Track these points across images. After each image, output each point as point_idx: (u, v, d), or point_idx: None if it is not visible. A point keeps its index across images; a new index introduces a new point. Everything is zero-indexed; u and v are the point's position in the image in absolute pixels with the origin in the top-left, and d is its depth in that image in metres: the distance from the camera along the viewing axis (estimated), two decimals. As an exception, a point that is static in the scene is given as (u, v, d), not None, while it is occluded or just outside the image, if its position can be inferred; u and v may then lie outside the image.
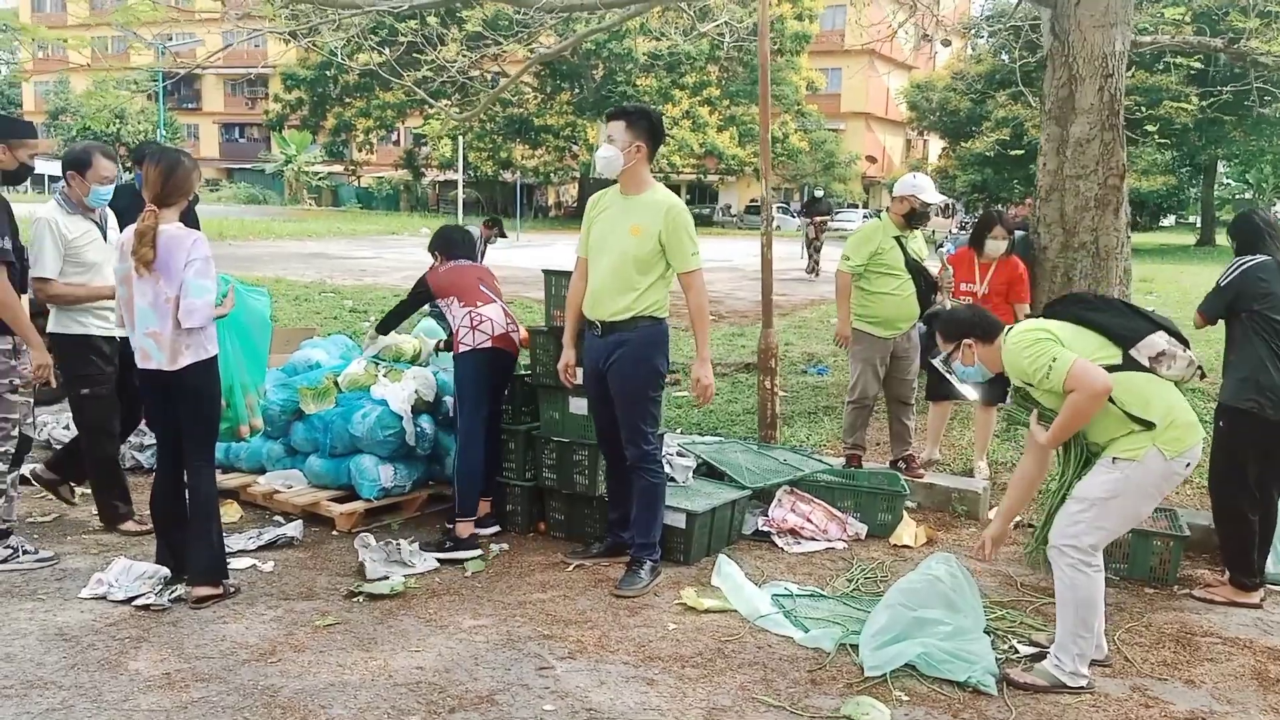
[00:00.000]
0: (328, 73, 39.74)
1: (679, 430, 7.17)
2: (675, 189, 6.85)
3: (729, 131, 42.59)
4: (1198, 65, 16.65)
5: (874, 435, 6.77)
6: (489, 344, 4.89)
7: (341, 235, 32.24)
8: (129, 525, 4.98)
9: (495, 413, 5.10)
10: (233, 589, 4.23)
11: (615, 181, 4.53)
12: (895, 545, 5.22)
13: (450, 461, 5.39)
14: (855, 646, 3.87)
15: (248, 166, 63.46)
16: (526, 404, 5.22)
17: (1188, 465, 3.62)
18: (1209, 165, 38.46)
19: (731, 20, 13.28)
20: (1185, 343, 3.72)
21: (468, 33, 14.46)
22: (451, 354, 5.09)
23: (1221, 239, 40.86)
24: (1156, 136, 21.00)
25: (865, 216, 41.98)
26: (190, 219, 4.72)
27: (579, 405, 4.95)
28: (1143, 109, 18.83)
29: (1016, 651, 3.93)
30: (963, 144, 37.63)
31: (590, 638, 3.97)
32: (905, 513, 5.45)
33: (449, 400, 5.43)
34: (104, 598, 4.14)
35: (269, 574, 4.52)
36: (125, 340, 4.54)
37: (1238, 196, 58.63)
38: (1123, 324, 3.71)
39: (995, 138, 33.63)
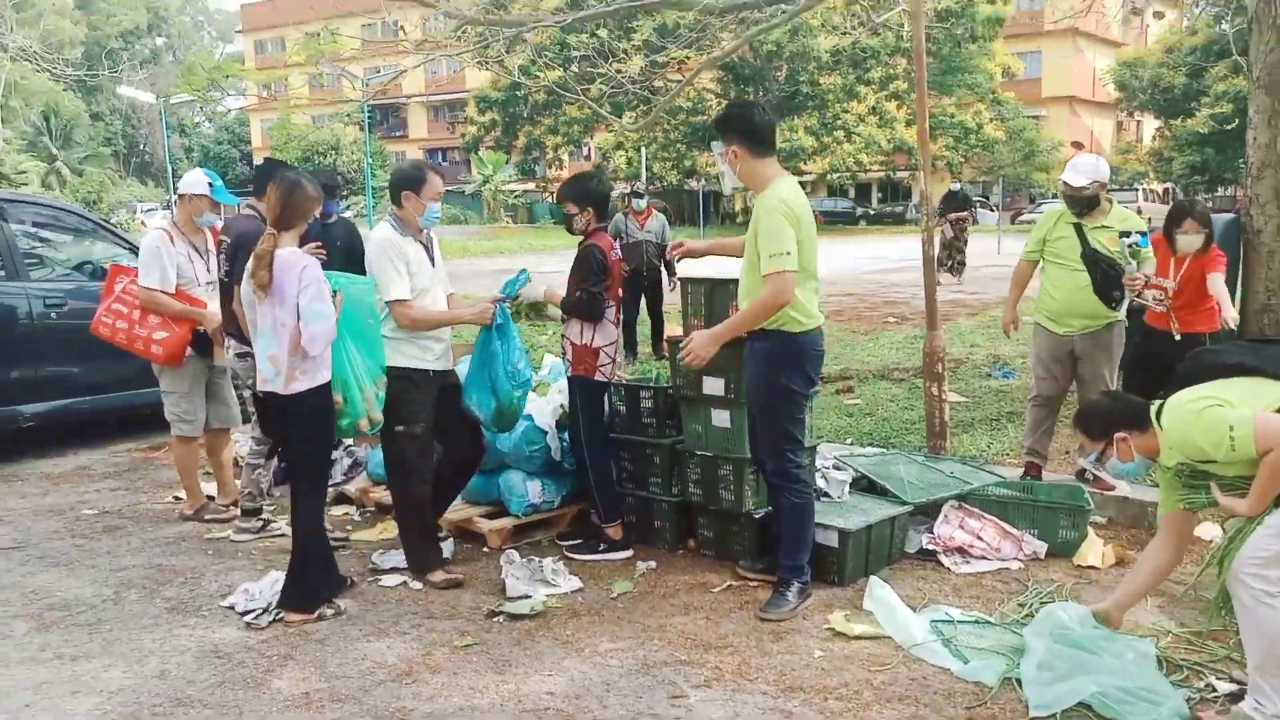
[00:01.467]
0: (518, 93, 41.03)
1: (849, 440, 6.86)
2: (865, 188, 6.58)
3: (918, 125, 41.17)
4: None
5: (1064, 444, 6.25)
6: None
7: (532, 250, 33.12)
8: (437, 575, 4.65)
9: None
10: (330, 613, 4.25)
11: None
12: (1079, 565, 4.75)
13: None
14: (1021, 681, 3.51)
15: (450, 188, 66.34)
16: (670, 417, 5.07)
17: None
18: None
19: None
20: None
21: (639, 42, 14.54)
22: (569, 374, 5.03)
23: None
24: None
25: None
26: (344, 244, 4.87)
27: (722, 418, 4.76)
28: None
29: (1213, 690, 3.46)
30: (1178, 123, 34.90)
31: (730, 664, 3.77)
32: (1091, 529, 4.96)
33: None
34: (232, 608, 4.33)
35: (417, 591, 4.56)
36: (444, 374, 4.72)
37: None
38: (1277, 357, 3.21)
39: (1213, 112, 30.99)
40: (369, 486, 5.86)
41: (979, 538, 4.90)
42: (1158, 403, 3.37)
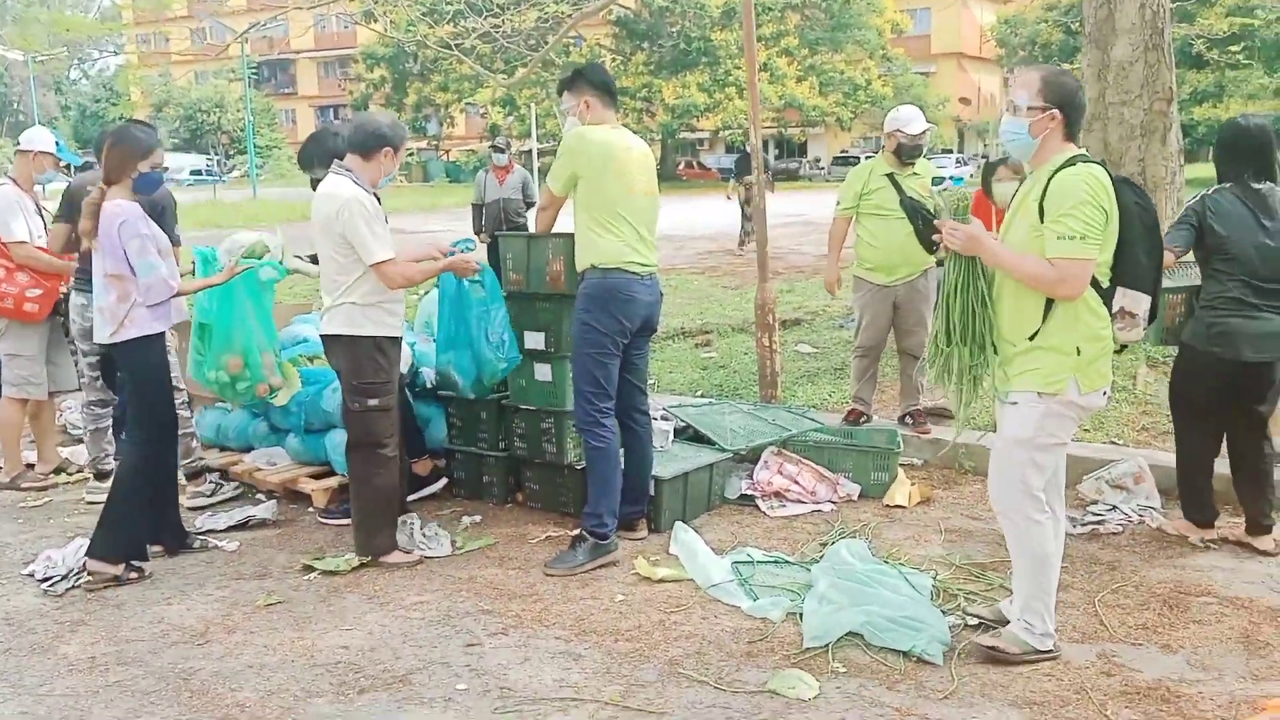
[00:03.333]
0: (406, 49, 40.15)
1: (699, 393, 6.96)
2: (763, 144, 6.64)
3: (809, 81, 41.54)
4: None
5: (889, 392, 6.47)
6: None
7: (422, 209, 32.58)
8: (395, 557, 4.39)
9: None
10: (135, 575, 4.18)
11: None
12: (888, 506, 4.95)
13: (430, 434, 5.32)
14: (803, 615, 3.66)
15: (341, 147, 64.71)
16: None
17: (1104, 395, 3.28)
18: (1329, 83, 35.80)
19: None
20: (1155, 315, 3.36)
21: (517, -2, 14.36)
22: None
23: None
24: (1241, 58, 19.54)
25: (958, 162, 40.57)
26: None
27: (544, 372, 4.81)
28: (1239, 28, 17.53)
29: (965, 620, 3.65)
30: (1056, 78, 35.89)
31: (530, 612, 3.84)
32: (902, 471, 5.17)
33: (426, 372, 5.35)
34: (32, 575, 4.25)
35: (231, 554, 4.52)
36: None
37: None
38: (1139, 264, 3.25)
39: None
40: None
41: (796, 482, 5.06)
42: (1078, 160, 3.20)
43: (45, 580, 4.16)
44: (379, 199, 4.35)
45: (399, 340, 4.42)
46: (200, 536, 4.63)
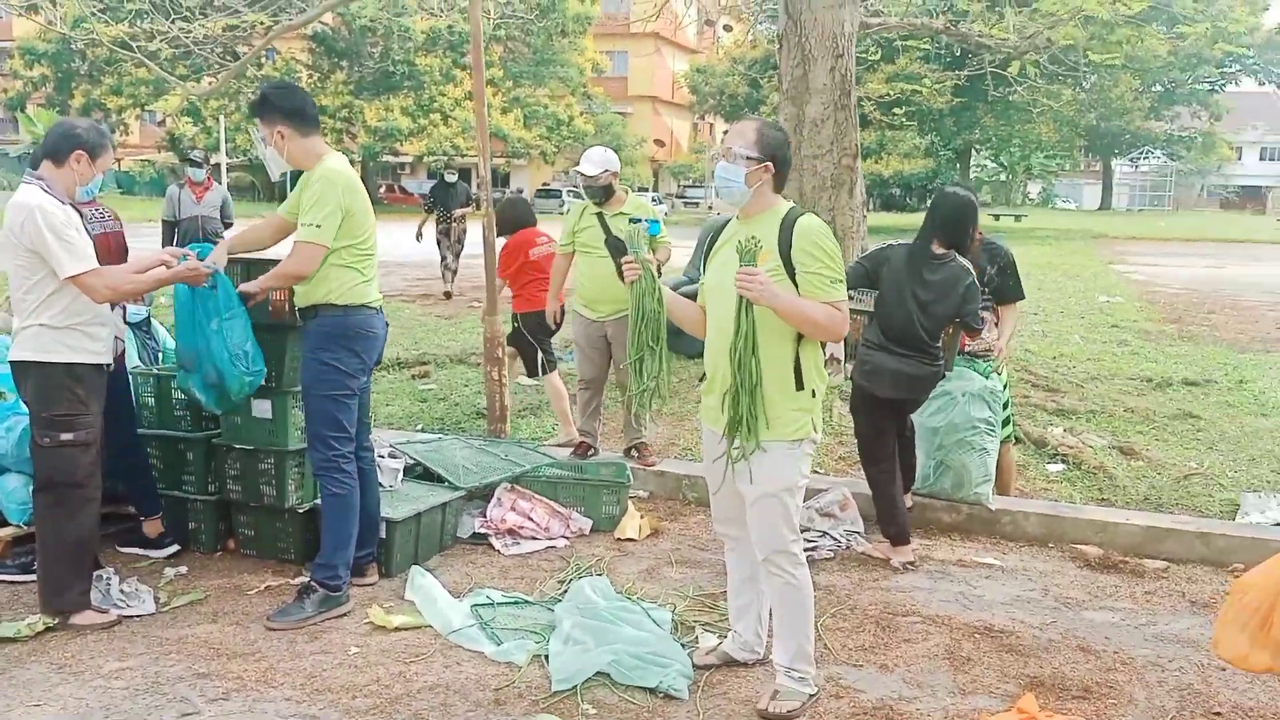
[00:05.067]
0: (73, 47, 36.47)
1: (419, 427, 6.76)
2: (465, 173, 6.48)
3: (514, 113, 41.98)
4: (944, 50, 17.54)
5: (614, 423, 6.59)
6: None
7: (92, 223, 29.57)
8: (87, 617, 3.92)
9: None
10: None
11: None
12: (619, 539, 5.02)
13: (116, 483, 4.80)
14: (549, 657, 3.62)
15: (-13, 149, 57.65)
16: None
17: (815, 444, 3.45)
18: (964, 149, 40.92)
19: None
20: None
21: (206, 2, 13.43)
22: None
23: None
24: (905, 119, 22.09)
25: (655, 201, 42.44)
26: None
27: (263, 408, 4.47)
28: (898, 94, 19.67)
29: (710, 644, 3.77)
30: (742, 127, 38.56)
31: (254, 672, 3.54)
32: (631, 504, 5.27)
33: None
34: None
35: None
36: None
37: (994, 179, 62.98)
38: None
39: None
40: None
41: (530, 518, 5.02)
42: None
43: None
44: (80, 211, 3.90)
45: (101, 368, 3.96)
46: None
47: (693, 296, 3.59)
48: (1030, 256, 21.85)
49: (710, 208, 44.87)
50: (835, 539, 4.97)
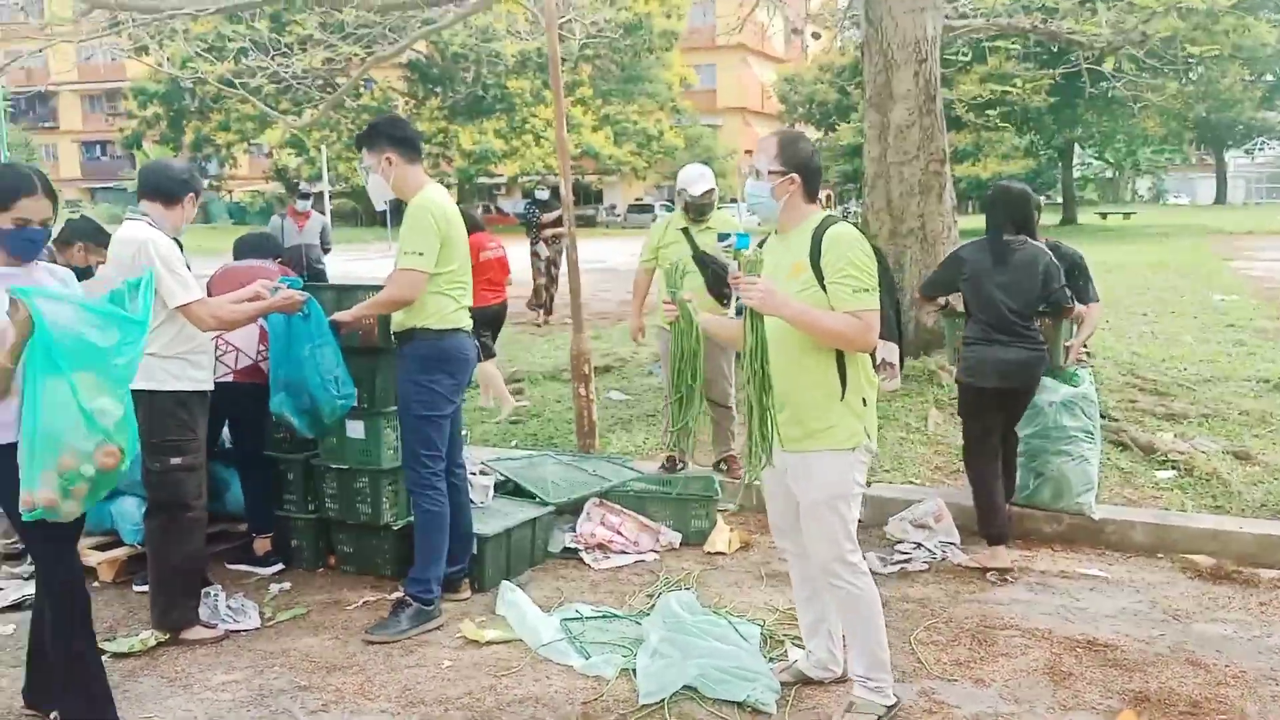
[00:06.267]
0: (181, 86, 38.22)
1: (514, 443, 6.86)
2: (557, 190, 6.62)
3: (604, 131, 42.41)
4: (1037, 48, 17.11)
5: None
6: (230, 377, 4.64)
7: (203, 252, 30.90)
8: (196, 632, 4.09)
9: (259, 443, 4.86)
10: None
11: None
12: (709, 552, 5.01)
13: (229, 497, 5.00)
14: (636, 671, 3.63)
15: (111, 185, 60.68)
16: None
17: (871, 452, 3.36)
18: (1066, 147, 39.73)
19: (599, 19, 13.06)
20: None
21: (304, 37, 13.91)
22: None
23: (1084, 217, 42.36)
24: (999, 120, 21.55)
25: (749, 211, 42.22)
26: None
27: (357, 429, 4.61)
28: (991, 95, 19.25)
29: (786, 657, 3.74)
30: (834, 135, 38.16)
31: (352, 685, 3.64)
32: (720, 517, 5.26)
33: (223, 431, 5.02)
34: None
35: (6, 637, 4.06)
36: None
37: (1100, 176, 61.00)
38: (887, 319, 3.50)
39: (857, 125, 34.19)
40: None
41: (619, 533, 5.06)
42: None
43: None
44: (181, 245, 4.09)
45: (205, 395, 4.13)
46: None
47: None
48: (1140, 255, 21.13)
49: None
50: (930, 550, 4.88)
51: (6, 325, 2.90)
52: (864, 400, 3.25)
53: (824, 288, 3.16)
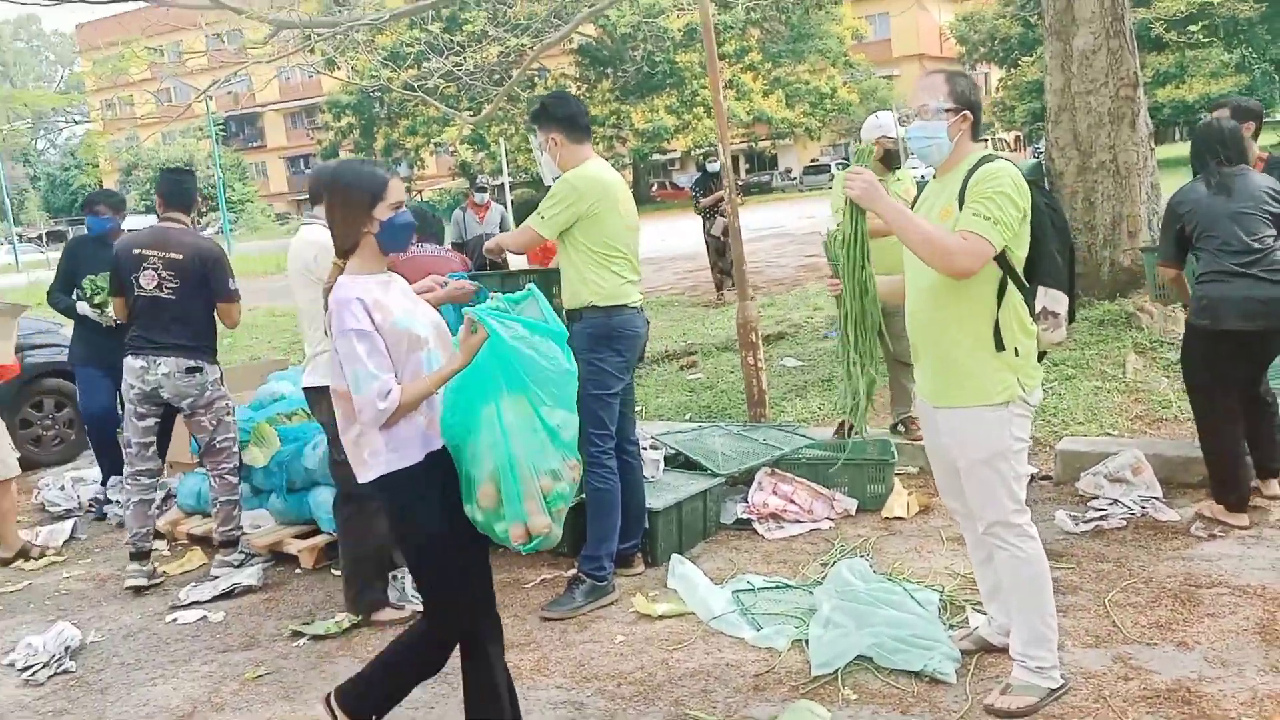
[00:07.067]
0: (370, 96, 40.21)
1: (688, 416, 6.86)
2: (734, 159, 6.61)
3: (775, 95, 41.73)
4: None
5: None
6: None
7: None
8: (386, 614, 4.31)
9: None
10: None
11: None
12: (887, 518, 4.85)
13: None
14: (808, 642, 3.55)
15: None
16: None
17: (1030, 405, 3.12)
18: (1285, 58, 36.16)
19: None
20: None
21: (473, 34, 14.36)
22: None
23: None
24: (1204, 36, 19.62)
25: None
26: None
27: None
28: (1192, 8, 17.62)
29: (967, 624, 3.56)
30: (1018, 72, 36.15)
31: (529, 661, 3.73)
32: (898, 481, 5.08)
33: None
34: (12, 665, 4.08)
35: (216, 625, 4.39)
36: None
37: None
38: (1055, 264, 3.22)
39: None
40: (179, 519, 5.63)
41: (792, 501, 4.96)
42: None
43: (26, 670, 4.01)
44: None
45: None
46: None
47: None
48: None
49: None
50: (1128, 506, 4.54)
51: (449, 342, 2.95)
52: (1016, 350, 3.03)
53: None
